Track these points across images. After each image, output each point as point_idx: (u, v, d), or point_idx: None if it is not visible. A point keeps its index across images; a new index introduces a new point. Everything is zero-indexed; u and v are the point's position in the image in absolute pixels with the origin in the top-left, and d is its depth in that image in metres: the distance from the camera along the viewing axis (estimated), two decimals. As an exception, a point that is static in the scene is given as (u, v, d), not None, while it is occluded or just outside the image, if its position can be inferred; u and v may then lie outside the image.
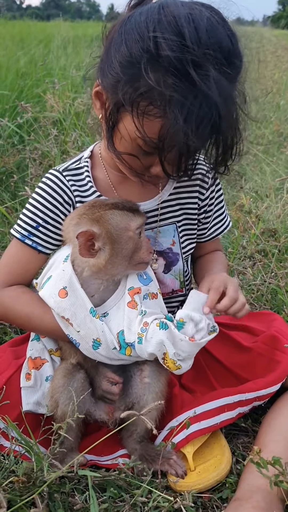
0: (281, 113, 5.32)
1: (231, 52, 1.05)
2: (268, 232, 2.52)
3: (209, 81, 1.00)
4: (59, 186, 1.32)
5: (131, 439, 1.29)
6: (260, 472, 1.06)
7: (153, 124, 1.06)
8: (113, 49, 1.08)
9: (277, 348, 1.37)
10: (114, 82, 1.08)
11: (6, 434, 1.23)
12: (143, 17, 1.04)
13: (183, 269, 1.44)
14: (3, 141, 3.24)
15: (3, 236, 2.46)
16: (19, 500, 1.07)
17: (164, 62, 0.99)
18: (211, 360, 1.46)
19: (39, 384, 1.32)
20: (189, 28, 0.99)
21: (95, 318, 1.20)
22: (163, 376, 1.29)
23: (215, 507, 1.19)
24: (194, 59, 0.99)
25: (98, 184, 1.35)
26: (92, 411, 1.28)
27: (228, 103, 1.05)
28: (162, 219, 1.39)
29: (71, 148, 3.27)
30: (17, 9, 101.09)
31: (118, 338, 1.21)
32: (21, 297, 1.33)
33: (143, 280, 1.26)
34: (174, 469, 1.21)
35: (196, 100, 1.00)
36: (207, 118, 1.02)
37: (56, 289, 1.22)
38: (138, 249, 1.21)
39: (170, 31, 1.00)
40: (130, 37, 1.04)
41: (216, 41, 1.01)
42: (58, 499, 1.13)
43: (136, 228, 1.19)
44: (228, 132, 1.10)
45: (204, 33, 1.00)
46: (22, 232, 1.33)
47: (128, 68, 1.04)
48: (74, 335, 1.24)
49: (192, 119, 1.01)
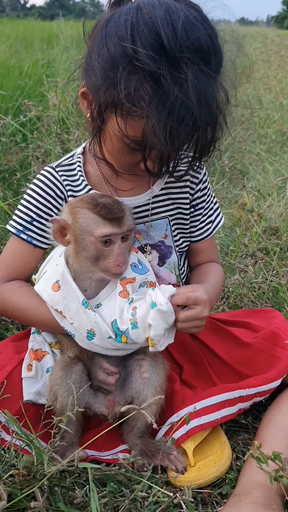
0: (284, 113, 5.31)
1: (210, 50, 1.05)
2: (270, 231, 2.52)
3: (186, 83, 1.01)
4: (51, 181, 1.35)
5: (131, 434, 1.29)
6: (260, 467, 1.07)
7: (137, 124, 1.08)
8: (95, 51, 1.10)
9: (277, 344, 1.37)
10: (97, 85, 1.10)
11: (7, 428, 1.23)
12: (122, 19, 1.05)
13: (177, 261, 1.45)
14: (6, 139, 3.25)
15: (5, 233, 2.47)
16: (20, 494, 1.08)
17: (142, 65, 1.01)
18: (212, 356, 1.46)
19: (40, 375, 1.33)
20: (166, 29, 1.00)
21: (88, 310, 1.22)
22: (162, 371, 1.29)
23: (215, 502, 1.19)
24: (171, 61, 1.01)
25: (90, 178, 1.37)
26: (91, 403, 1.28)
27: (208, 102, 1.07)
28: (154, 213, 1.40)
29: (74, 146, 3.28)
30: (21, 9, 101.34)
31: (113, 327, 1.22)
32: (18, 290, 1.36)
33: (138, 270, 1.28)
34: (174, 464, 1.22)
35: (174, 103, 1.02)
36: (187, 119, 1.04)
37: (50, 283, 1.25)
38: (104, 257, 1.19)
39: (147, 34, 1.01)
40: (110, 40, 1.06)
41: (194, 41, 1.02)
42: (58, 492, 1.13)
43: (100, 236, 1.18)
44: (207, 130, 1.12)
45: (181, 33, 1.01)
46: (17, 226, 1.36)
47: (109, 71, 1.06)
48: (69, 327, 1.25)
49: (173, 120, 1.03)
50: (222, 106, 1.13)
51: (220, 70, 1.11)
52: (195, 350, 1.49)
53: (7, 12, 57.59)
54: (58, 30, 7.57)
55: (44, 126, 3.50)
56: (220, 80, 1.12)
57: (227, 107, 1.15)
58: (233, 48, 1.15)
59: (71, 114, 3.71)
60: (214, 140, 1.16)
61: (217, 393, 1.28)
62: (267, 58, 10.00)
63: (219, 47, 1.09)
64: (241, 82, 1.19)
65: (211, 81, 1.08)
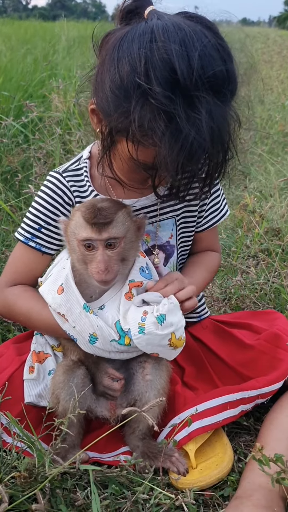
0: (286, 113, 5.31)
1: (225, 80, 1.04)
2: (272, 232, 2.52)
3: (200, 122, 1.00)
4: (59, 188, 1.35)
5: (133, 436, 1.29)
6: (262, 470, 1.06)
7: (148, 151, 1.08)
8: (106, 73, 1.07)
9: (279, 346, 1.36)
10: (108, 110, 1.08)
11: (8, 430, 1.23)
12: (135, 47, 1.02)
13: (176, 261, 1.45)
14: (8, 140, 3.25)
15: (7, 235, 2.48)
16: (21, 496, 1.08)
17: (156, 100, 0.98)
18: (214, 358, 1.46)
19: (41, 377, 1.33)
20: (181, 65, 0.97)
21: (89, 314, 1.22)
22: (165, 373, 1.30)
23: (217, 505, 1.19)
24: (186, 99, 0.99)
25: (96, 183, 1.37)
26: (93, 407, 1.28)
27: (222, 138, 1.06)
28: (162, 213, 1.40)
29: (75, 147, 3.28)
30: (23, 10, 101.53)
31: (116, 328, 1.22)
32: (23, 294, 1.37)
33: (145, 275, 1.27)
34: (176, 466, 1.22)
35: (187, 140, 1.01)
36: (199, 154, 1.04)
37: (56, 286, 1.25)
38: (88, 261, 1.19)
39: (162, 69, 0.98)
40: (123, 68, 1.03)
41: (210, 76, 1.00)
42: (59, 495, 1.13)
43: (82, 240, 1.18)
44: (218, 156, 1.11)
45: (197, 68, 0.98)
46: (26, 235, 1.37)
47: (122, 100, 1.03)
48: (71, 330, 1.25)
49: (184, 155, 1.02)
50: (233, 134, 1.11)
51: (234, 96, 1.09)
52: (197, 352, 1.49)
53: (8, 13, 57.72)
54: (60, 31, 7.58)
55: (46, 128, 3.50)
56: (233, 105, 1.10)
57: (239, 130, 1.13)
58: (242, 58, 1.13)
59: (73, 115, 3.71)
60: (224, 165, 1.15)
61: (219, 395, 1.28)
62: (269, 58, 9.98)
63: (234, 74, 1.07)
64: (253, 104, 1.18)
65: (225, 111, 1.06)
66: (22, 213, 2.55)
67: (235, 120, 1.10)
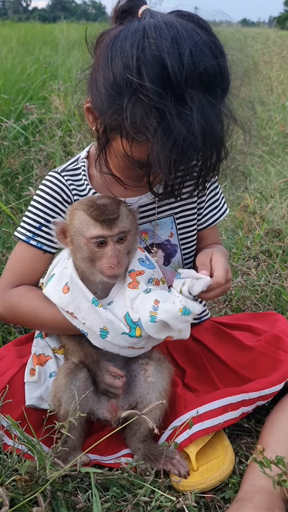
0: (286, 114, 5.30)
1: (216, 76, 1.04)
2: (273, 233, 2.52)
3: (192, 119, 1.00)
4: (58, 186, 1.36)
5: (134, 438, 1.29)
6: (263, 472, 1.06)
7: (142, 148, 1.08)
8: (100, 71, 1.08)
9: (280, 347, 1.37)
10: (102, 108, 1.09)
11: (9, 433, 1.24)
12: (128, 44, 1.02)
13: (181, 259, 1.45)
14: (9, 142, 3.26)
15: (8, 237, 2.48)
16: (22, 499, 1.08)
17: (147, 96, 0.99)
18: (214, 360, 1.46)
19: (42, 380, 1.33)
20: (172, 61, 0.98)
21: (98, 307, 1.21)
22: (167, 375, 1.29)
23: (218, 507, 1.19)
24: (177, 96, 0.99)
25: (94, 182, 1.38)
26: (94, 409, 1.28)
27: (213, 135, 1.06)
28: (160, 212, 1.41)
29: (76, 149, 3.28)
30: (24, 11, 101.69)
31: (126, 320, 1.21)
32: (27, 294, 1.35)
33: (146, 265, 1.28)
34: (177, 468, 1.21)
35: (179, 137, 1.01)
36: (190, 151, 1.04)
37: (60, 285, 1.25)
38: (98, 259, 1.20)
39: (154, 66, 0.99)
40: (116, 65, 1.04)
41: (201, 71, 1.00)
42: (61, 497, 1.13)
43: (91, 237, 1.18)
44: (212, 158, 1.11)
45: (188, 64, 0.99)
46: (26, 233, 1.36)
47: (115, 97, 1.05)
48: (81, 326, 1.25)
49: (176, 152, 1.03)
50: (226, 131, 1.11)
51: (227, 93, 1.09)
52: (198, 353, 1.49)
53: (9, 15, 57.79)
54: (60, 33, 7.59)
55: (46, 130, 3.51)
56: (226, 102, 1.10)
57: (232, 129, 1.13)
58: (243, 58, 1.13)
59: (73, 117, 3.72)
60: (218, 163, 1.15)
61: (220, 397, 1.28)
62: (269, 59, 9.97)
63: (226, 71, 1.07)
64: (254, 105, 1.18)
65: (217, 108, 1.06)
66: (23, 215, 2.55)
67: (229, 117, 1.10)
